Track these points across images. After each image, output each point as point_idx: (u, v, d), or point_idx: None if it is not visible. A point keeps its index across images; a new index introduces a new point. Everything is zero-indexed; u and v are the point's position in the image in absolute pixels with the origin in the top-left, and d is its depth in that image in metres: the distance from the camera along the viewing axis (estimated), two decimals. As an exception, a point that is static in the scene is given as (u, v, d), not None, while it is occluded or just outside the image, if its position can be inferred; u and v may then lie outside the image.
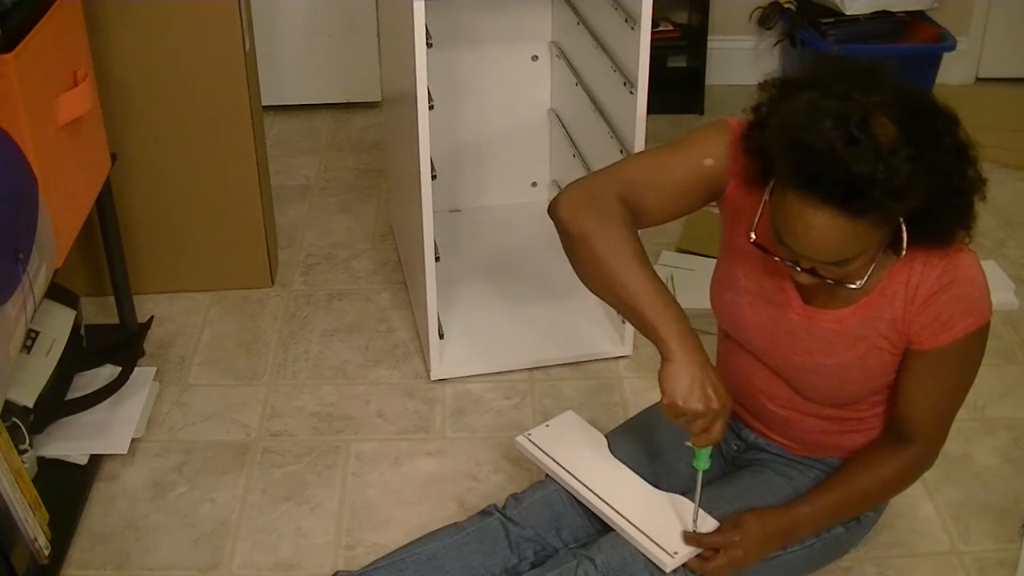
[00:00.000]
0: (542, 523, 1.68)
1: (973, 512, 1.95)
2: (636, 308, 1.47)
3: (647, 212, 1.56)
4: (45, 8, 1.80)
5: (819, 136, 1.29)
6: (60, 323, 2.09)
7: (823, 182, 1.30)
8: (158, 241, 2.51)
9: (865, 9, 3.27)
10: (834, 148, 1.28)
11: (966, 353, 1.52)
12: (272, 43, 3.25)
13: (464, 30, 2.65)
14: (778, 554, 1.62)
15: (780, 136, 1.36)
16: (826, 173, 1.29)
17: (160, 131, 2.39)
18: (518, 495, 1.72)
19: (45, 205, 1.72)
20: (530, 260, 2.66)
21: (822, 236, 1.34)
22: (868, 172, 1.27)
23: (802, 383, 1.62)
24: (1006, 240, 2.81)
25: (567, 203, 1.53)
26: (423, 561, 1.66)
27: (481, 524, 1.70)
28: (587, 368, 2.34)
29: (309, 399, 2.26)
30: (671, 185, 1.56)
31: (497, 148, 2.83)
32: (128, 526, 1.93)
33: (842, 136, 1.28)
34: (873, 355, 1.53)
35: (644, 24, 2.02)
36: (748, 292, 1.61)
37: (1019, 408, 2.22)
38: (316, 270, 2.70)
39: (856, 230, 1.33)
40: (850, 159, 1.28)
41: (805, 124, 1.31)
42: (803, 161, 1.31)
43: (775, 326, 1.60)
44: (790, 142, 1.33)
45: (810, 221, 1.33)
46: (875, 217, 1.33)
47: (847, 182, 1.28)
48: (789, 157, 1.33)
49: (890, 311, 1.50)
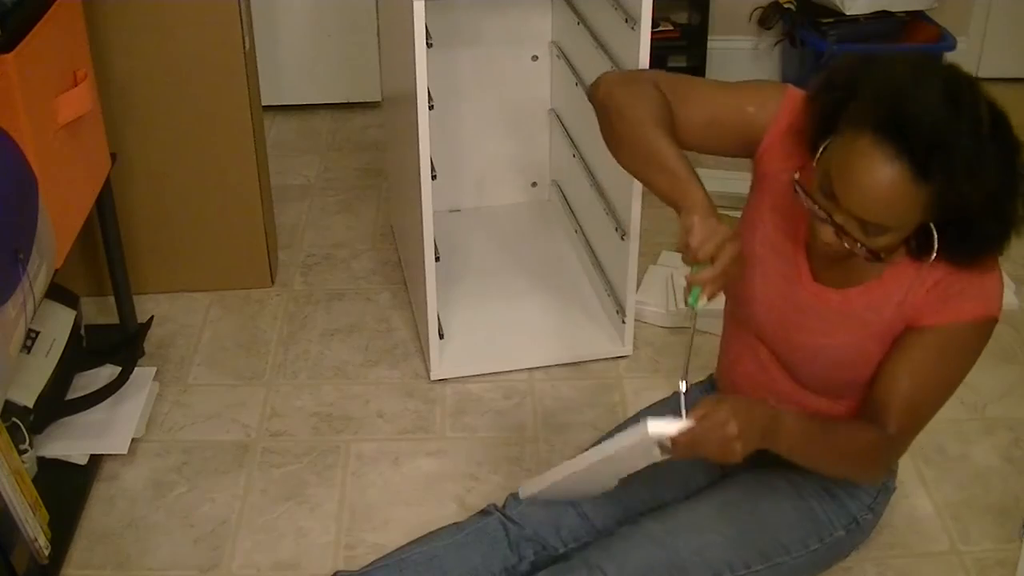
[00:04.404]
0: (542, 523, 1.68)
1: (973, 512, 1.95)
2: (668, 168, 1.45)
3: (678, 124, 1.56)
4: (45, 8, 1.80)
5: (925, 89, 1.30)
6: (60, 323, 2.09)
7: (910, 132, 1.29)
8: (158, 241, 2.51)
9: (865, 9, 3.26)
10: (937, 105, 1.29)
11: (962, 343, 1.48)
12: (272, 43, 3.25)
13: (464, 30, 2.65)
14: (782, 560, 1.62)
15: (878, 81, 1.35)
16: (921, 126, 1.29)
17: (160, 131, 2.39)
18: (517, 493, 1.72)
19: (45, 205, 1.72)
20: (530, 260, 2.66)
21: (879, 189, 1.32)
22: (957, 140, 1.28)
23: (798, 364, 1.61)
24: (1006, 240, 2.80)
25: (606, 82, 1.58)
26: (423, 561, 1.65)
27: (481, 524, 1.69)
28: (587, 368, 2.34)
29: (309, 399, 2.26)
30: (707, 112, 1.58)
31: (497, 148, 2.83)
32: (128, 526, 1.93)
33: (949, 96, 1.29)
34: (873, 343, 1.52)
35: (644, 24, 2.02)
36: (761, 263, 1.60)
37: (1019, 408, 2.23)
38: (316, 270, 2.70)
39: (912, 197, 1.31)
40: (949, 119, 1.28)
41: (912, 76, 1.32)
42: (899, 106, 1.31)
43: (783, 301, 1.59)
44: (889, 86, 1.33)
45: (876, 170, 1.31)
46: (936, 190, 1.31)
47: (935, 140, 1.28)
48: (883, 101, 1.33)
49: (898, 294, 1.48)
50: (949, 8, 3.44)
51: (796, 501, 1.65)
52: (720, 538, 1.59)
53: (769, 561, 1.61)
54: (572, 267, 2.64)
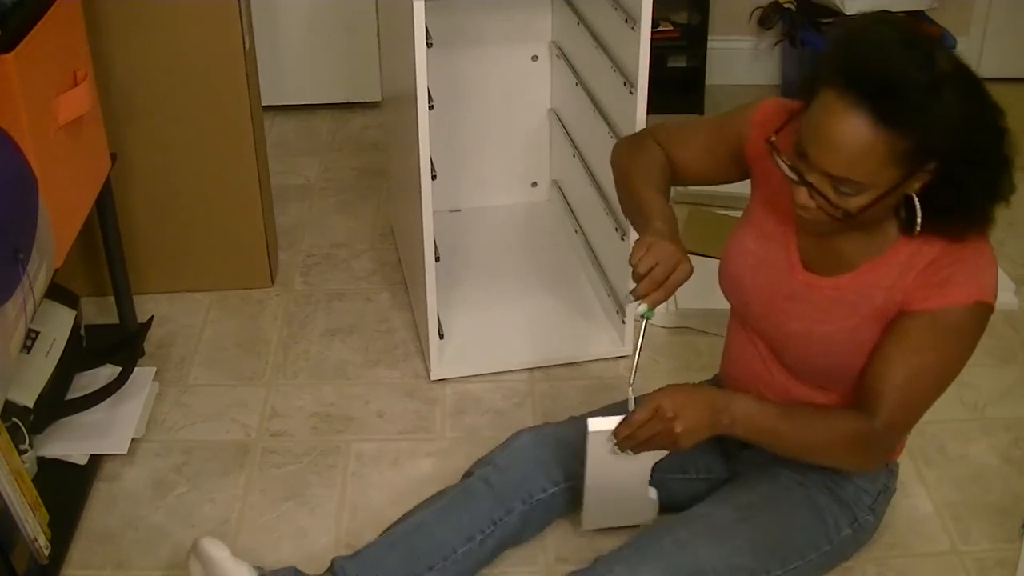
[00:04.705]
0: (530, 461, 1.73)
1: (973, 512, 1.95)
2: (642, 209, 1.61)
3: (678, 162, 1.72)
4: (45, 8, 1.79)
5: (878, 34, 1.35)
6: (60, 323, 2.09)
7: (867, 78, 1.33)
8: (158, 241, 2.51)
9: (865, 9, 3.26)
10: (890, 46, 1.33)
11: (955, 329, 1.47)
12: (272, 43, 3.25)
13: (464, 30, 2.65)
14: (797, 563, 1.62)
15: (836, 35, 1.41)
16: (873, 68, 1.33)
17: (160, 131, 2.39)
18: (506, 441, 1.79)
19: (45, 205, 1.72)
20: (530, 260, 2.66)
21: (844, 138, 1.36)
22: (913, 78, 1.31)
23: (792, 354, 1.62)
24: (1006, 240, 2.80)
25: (616, 147, 1.81)
26: (412, 531, 1.69)
27: (462, 484, 1.75)
28: (587, 368, 2.34)
29: (309, 399, 2.26)
30: (699, 145, 1.72)
31: (497, 148, 2.83)
32: (128, 526, 1.93)
33: (901, 40, 1.33)
34: (864, 329, 1.53)
35: (644, 24, 2.02)
36: (754, 255, 1.64)
37: (1019, 408, 2.22)
38: (316, 270, 2.70)
39: (875, 145, 1.34)
40: (901, 58, 1.32)
41: (867, 24, 1.37)
42: (854, 54, 1.35)
43: (775, 291, 1.62)
44: (846, 37, 1.38)
45: (840, 119, 1.35)
46: (900, 135, 1.33)
47: (889, 81, 1.32)
48: (839, 52, 1.38)
49: (888, 279, 1.49)
50: (949, 8, 3.44)
51: (808, 504, 1.66)
52: (742, 544, 1.60)
53: (787, 566, 1.62)
54: (572, 267, 2.64)
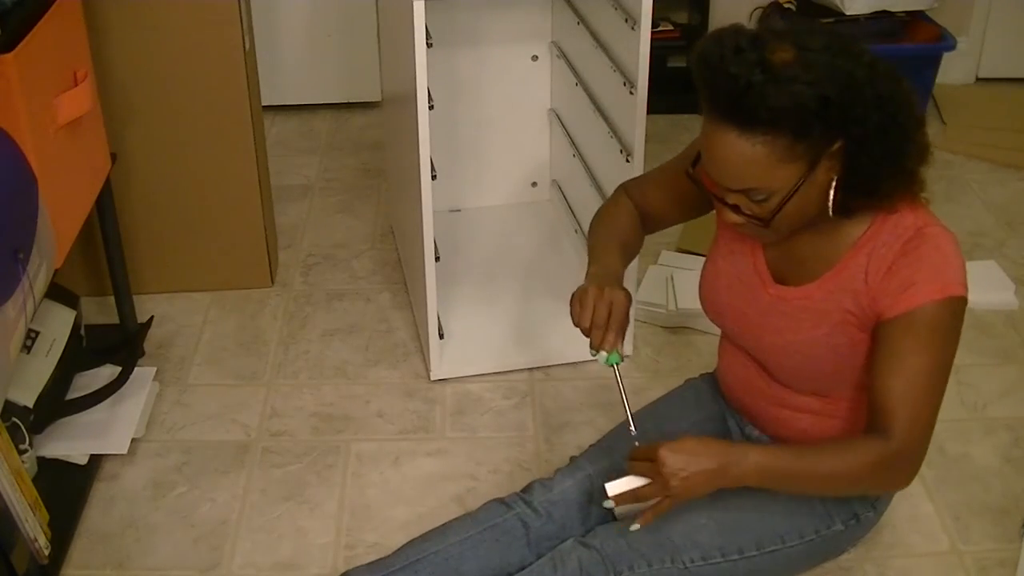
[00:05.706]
0: (571, 508, 1.69)
1: (973, 512, 1.95)
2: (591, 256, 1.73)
3: (651, 214, 1.79)
4: (45, 8, 1.80)
5: (714, 50, 1.39)
6: (60, 323, 2.10)
7: (716, 93, 1.38)
8: (158, 241, 2.51)
9: (865, 9, 3.26)
10: (724, 58, 1.37)
11: (932, 327, 1.47)
12: (272, 43, 3.25)
13: (464, 30, 2.65)
14: (776, 548, 1.62)
15: (690, 60, 1.43)
16: (719, 84, 1.37)
17: (160, 131, 2.39)
18: (546, 481, 1.72)
19: (45, 205, 1.72)
20: (530, 260, 2.66)
21: (724, 156, 1.41)
22: (746, 76, 1.34)
23: (775, 365, 1.63)
24: (1006, 240, 2.81)
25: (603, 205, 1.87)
26: (439, 562, 1.63)
27: (498, 521, 1.68)
28: (587, 368, 2.34)
29: (309, 399, 2.26)
30: (662, 189, 1.78)
31: (497, 148, 2.83)
32: (128, 526, 1.93)
33: (734, 47, 1.37)
34: (840, 332, 1.53)
35: (644, 24, 2.02)
36: (725, 275, 1.67)
37: (1019, 408, 2.22)
38: (316, 270, 2.70)
39: (754, 152, 1.38)
40: (736, 65, 1.35)
41: (705, 44, 1.41)
42: (701, 76, 1.40)
43: (747, 307, 1.64)
44: (695, 60, 1.41)
45: (714, 142, 1.41)
46: (770, 135, 1.36)
47: (729, 88, 1.36)
48: (696, 77, 1.42)
49: (852, 284, 1.51)
50: (949, 8, 3.44)
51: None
52: (711, 523, 1.61)
53: (763, 548, 1.63)
54: (572, 267, 2.63)
